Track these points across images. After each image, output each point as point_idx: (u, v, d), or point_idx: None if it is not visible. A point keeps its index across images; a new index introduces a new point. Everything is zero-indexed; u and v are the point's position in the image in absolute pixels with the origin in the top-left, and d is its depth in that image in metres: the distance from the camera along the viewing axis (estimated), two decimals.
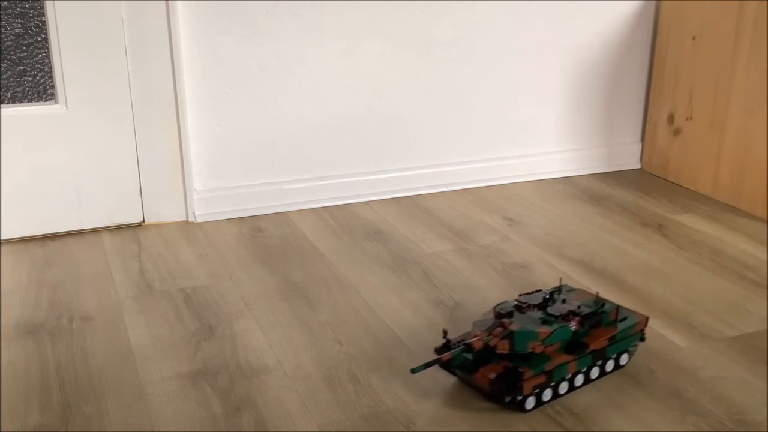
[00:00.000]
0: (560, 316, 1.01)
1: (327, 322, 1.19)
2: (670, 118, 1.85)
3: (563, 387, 1.00)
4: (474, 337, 0.99)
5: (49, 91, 1.45)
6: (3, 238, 1.47)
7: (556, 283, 1.32)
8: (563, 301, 1.06)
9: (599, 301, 1.06)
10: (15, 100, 1.43)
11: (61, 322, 1.18)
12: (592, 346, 1.00)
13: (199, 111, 1.55)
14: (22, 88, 1.43)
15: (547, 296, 1.06)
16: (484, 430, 0.94)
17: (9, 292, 1.28)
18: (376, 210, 1.66)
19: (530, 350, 0.96)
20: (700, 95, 1.76)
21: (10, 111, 1.42)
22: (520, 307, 1.03)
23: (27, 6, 1.39)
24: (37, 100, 1.45)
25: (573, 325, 1.00)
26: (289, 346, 1.12)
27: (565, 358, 0.98)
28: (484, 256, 1.43)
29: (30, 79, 1.43)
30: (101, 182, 1.51)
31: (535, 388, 0.97)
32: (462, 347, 0.96)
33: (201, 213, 1.59)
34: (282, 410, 0.98)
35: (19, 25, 1.40)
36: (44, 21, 1.41)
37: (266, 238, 1.51)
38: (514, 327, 0.97)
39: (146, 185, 1.54)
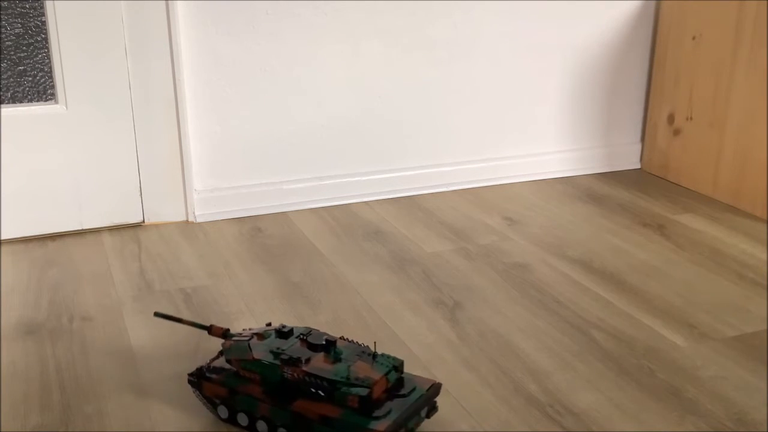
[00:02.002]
0: (289, 357, 0.89)
1: (327, 322, 1.19)
2: (670, 118, 1.85)
3: (243, 419, 0.92)
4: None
5: (49, 91, 1.45)
6: (3, 238, 1.47)
7: (556, 283, 1.32)
8: (327, 351, 0.91)
9: (363, 383, 0.85)
10: (15, 100, 1.43)
11: (61, 322, 1.18)
12: (296, 407, 0.87)
13: (199, 111, 1.55)
14: (22, 88, 1.43)
15: (318, 341, 0.92)
16: (485, 430, 0.94)
17: (9, 292, 1.28)
18: (375, 210, 1.66)
19: (235, 366, 0.91)
20: (700, 95, 1.76)
21: (10, 111, 1.42)
22: (279, 332, 0.94)
23: (27, 6, 1.39)
24: (37, 100, 1.45)
25: (288, 372, 0.88)
26: None
27: (258, 393, 0.90)
28: (484, 256, 1.43)
29: (30, 79, 1.43)
30: (101, 182, 1.51)
31: (218, 398, 0.92)
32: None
33: (201, 213, 1.59)
34: None
35: (19, 25, 1.40)
36: (44, 21, 1.41)
37: (266, 238, 1.51)
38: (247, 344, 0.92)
39: (146, 185, 1.54)
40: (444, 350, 1.11)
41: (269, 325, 0.99)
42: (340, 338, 0.95)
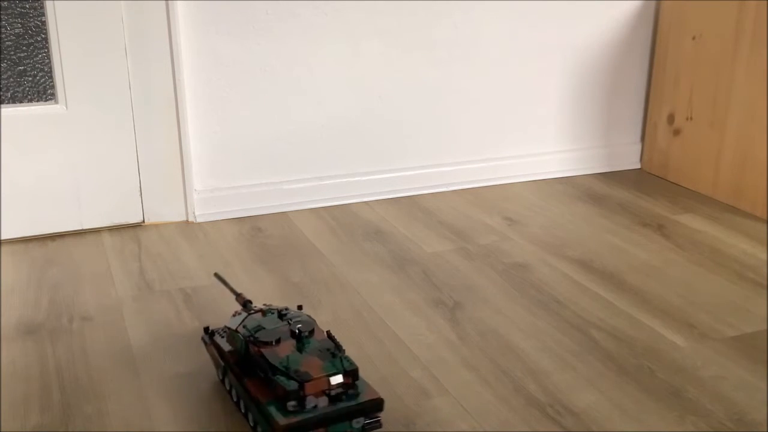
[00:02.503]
0: (258, 336, 0.92)
1: (327, 322, 1.19)
2: (670, 118, 1.85)
3: (227, 384, 0.98)
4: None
5: (49, 91, 1.45)
6: (3, 238, 1.47)
7: (556, 283, 1.32)
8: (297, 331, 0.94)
9: (299, 377, 0.87)
10: (15, 100, 1.43)
11: (61, 322, 1.18)
12: (247, 383, 0.91)
13: (199, 111, 1.55)
14: (22, 88, 1.43)
15: (289, 322, 0.96)
16: (484, 430, 0.94)
17: (9, 292, 1.28)
18: (375, 210, 1.66)
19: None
20: (700, 95, 1.76)
21: (10, 111, 1.42)
22: (279, 313, 0.98)
23: (27, 6, 1.39)
24: (37, 100, 1.45)
25: (251, 349, 0.92)
26: None
27: (233, 362, 0.95)
28: (484, 256, 1.43)
29: (30, 79, 1.43)
30: (101, 182, 1.51)
31: (215, 359, 1.01)
32: None
33: (201, 213, 1.59)
34: None
35: (19, 25, 1.40)
36: (44, 21, 1.41)
37: (266, 238, 1.51)
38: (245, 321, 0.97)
39: (146, 185, 1.54)
40: (444, 350, 1.11)
41: (286, 308, 1.01)
42: (328, 333, 0.95)
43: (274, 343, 0.91)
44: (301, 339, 0.93)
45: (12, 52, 1.41)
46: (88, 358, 1.09)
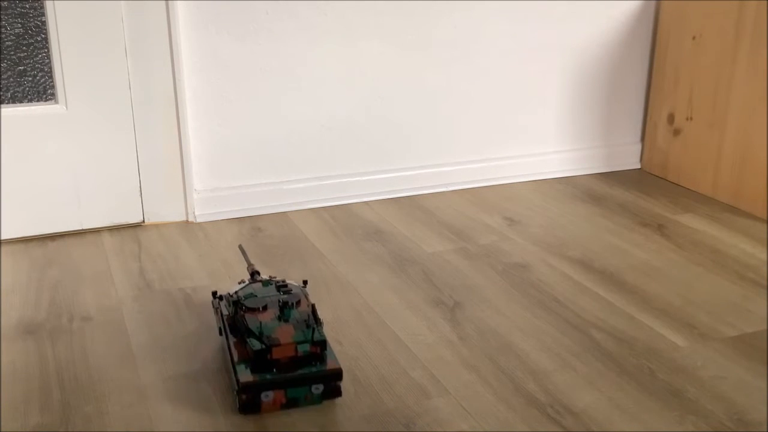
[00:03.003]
0: (246, 303, 1.01)
1: (327, 322, 1.19)
2: (670, 118, 1.85)
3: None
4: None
5: (49, 91, 1.45)
6: (3, 238, 1.47)
7: (556, 283, 1.32)
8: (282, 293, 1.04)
9: (268, 341, 0.94)
10: (15, 100, 1.43)
11: (61, 322, 1.18)
12: (231, 343, 1.00)
13: (199, 111, 1.55)
14: (22, 88, 1.43)
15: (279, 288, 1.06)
16: (484, 430, 0.94)
17: (9, 292, 1.28)
18: (375, 210, 1.66)
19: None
20: (700, 95, 1.76)
21: (10, 111, 1.42)
22: (277, 285, 1.07)
23: (27, 6, 1.39)
24: (37, 100, 1.45)
25: (238, 312, 1.02)
26: None
27: (226, 324, 1.05)
28: (484, 256, 1.43)
29: (30, 79, 1.43)
30: (101, 182, 1.51)
31: (219, 321, 1.08)
32: None
33: (201, 213, 1.59)
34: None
35: (19, 25, 1.40)
36: (44, 21, 1.41)
37: (266, 238, 1.51)
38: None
39: (146, 185, 1.54)
40: (444, 350, 1.11)
41: (288, 282, 1.09)
42: (312, 307, 1.02)
43: (260, 310, 1.00)
44: (284, 309, 1.00)
45: (12, 52, 1.41)
46: (88, 358, 1.09)
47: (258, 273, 1.11)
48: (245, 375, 0.94)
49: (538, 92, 1.82)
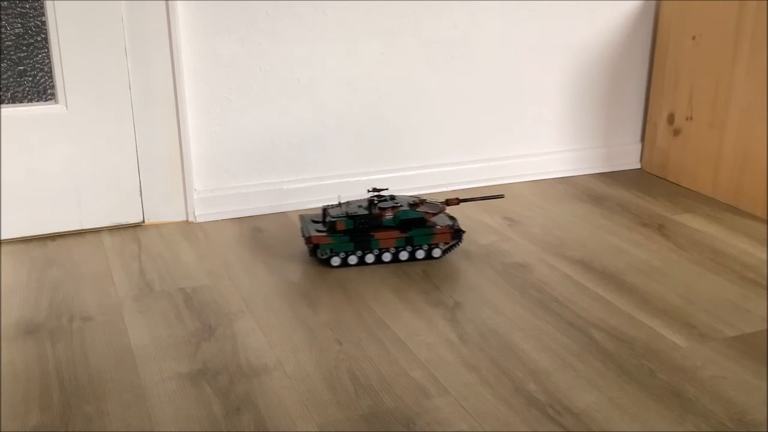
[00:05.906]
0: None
1: (327, 322, 1.19)
2: (670, 118, 1.85)
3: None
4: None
5: (49, 91, 1.45)
6: (3, 238, 1.47)
7: (556, 283, 1.32)
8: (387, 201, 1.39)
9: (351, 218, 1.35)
10: (15, 100, 1.43)
11: (61, 322, 1.18)
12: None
13: (199, 111, 1.55)
14: (22, 88, 1.43)
15: (376, 200, 1.39)
16: (485, 430, 0.94)
17: (9, 292, 1.28)
18: None
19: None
20: (700, 95, 1.76)
21: (10, 111, 1.42)
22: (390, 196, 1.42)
23: (27, 6, 1.39)
24: (37, 100, 1.45)
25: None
26: (289, 346, 1.12)
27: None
28: (484, 256, 1.43)
29: (30, 79, 1.43)
30: (101, 182, 1.51)
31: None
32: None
33: (201, 213, 1.59)
34: (282, 410, 0.98)
35: (19, 25, 1.40)
36: (44, 21, 1.41)
37: (266, 238, 1.51)
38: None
39: (146, 185, 1.54)
40: (444, 350, 1.11)
41: (416, 199, 1.43)
42: (425, 204, 1.41)
43: (375, 203, 1.38)
44: (393, 198, 1.41)
45: (12, 52, 1.41)
46: (88, 358, 1.09)
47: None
48: (317, 236, 1.36)
49: (539, 92, 1.82)
